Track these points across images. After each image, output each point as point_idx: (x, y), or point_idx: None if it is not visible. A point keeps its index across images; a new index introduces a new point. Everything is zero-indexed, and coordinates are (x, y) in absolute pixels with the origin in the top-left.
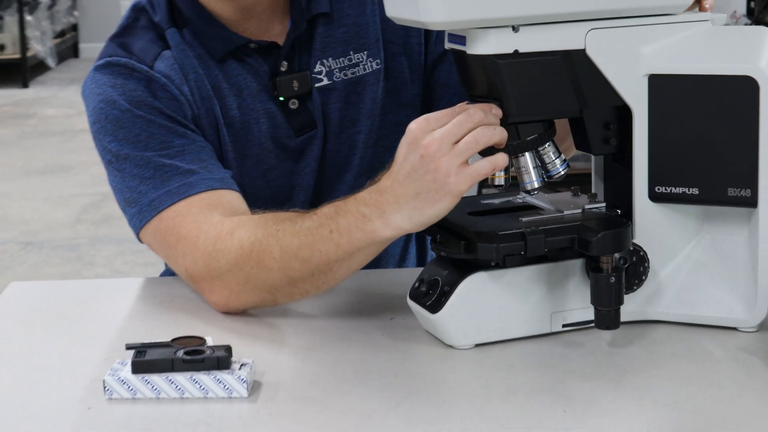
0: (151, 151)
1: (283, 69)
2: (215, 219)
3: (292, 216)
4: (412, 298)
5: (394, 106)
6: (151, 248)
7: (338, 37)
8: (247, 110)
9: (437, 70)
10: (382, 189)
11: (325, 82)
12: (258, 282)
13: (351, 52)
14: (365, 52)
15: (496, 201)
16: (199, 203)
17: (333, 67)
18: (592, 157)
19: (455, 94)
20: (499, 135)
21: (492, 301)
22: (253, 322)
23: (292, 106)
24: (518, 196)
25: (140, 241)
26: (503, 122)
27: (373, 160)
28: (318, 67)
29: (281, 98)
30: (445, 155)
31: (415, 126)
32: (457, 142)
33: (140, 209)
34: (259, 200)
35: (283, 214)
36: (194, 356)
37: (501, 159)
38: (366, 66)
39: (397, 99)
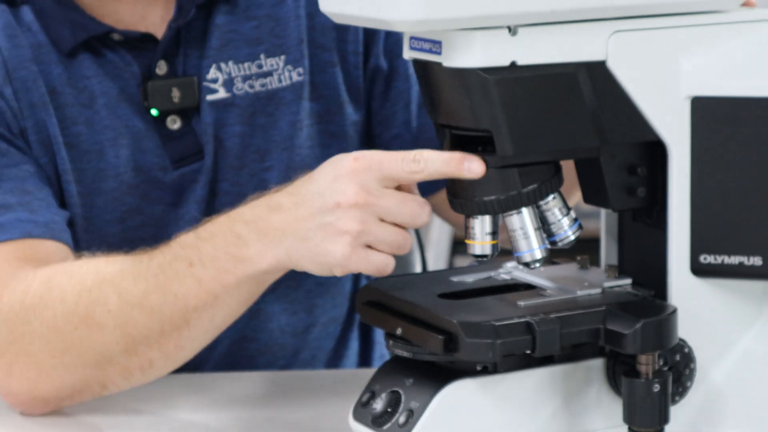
0: None
1: (159, 72)
2: (25, 272)
3: (136, 255)
4: (359, 419)
5: (324, 137)
6: None
7: (244, 33)
8: (101, 127)
9: (374, 98)
10: (275, 206)
11: (222, 94)
12: (82, 348)
13: (262, 56)
14: (282, 57)
15: (469, 278)
16: (6, 253)
17: (234, 75)
18: (602, 213)
19: (397, 137)
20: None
21: (483, 423)
22: None
23: (171, 126)
24: (501, 271)
25: None
26: (494, 164)
27: None
28: (213, 73)
29: (154, 112)
30: (356, 223)
31: (361, 162)
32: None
33: None
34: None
35: (123, 256)
36: None
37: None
38: (282, 76)
39: (327, 127)
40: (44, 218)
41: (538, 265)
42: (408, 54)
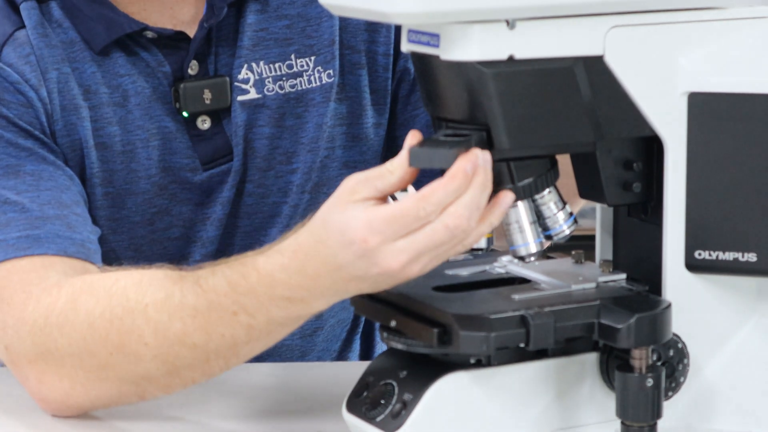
0: None
1: (191, 72)
2: (51, 280)
3: (159, 282)
4: (352, 410)
5: (347, 139)
6: None
7: (276, 33)
8: (133, 127)
9: (399, 100)
10: (313, 274)
11: (252, 94)
12: (120, 371)
13: (293, 56)
14: (312, 58)
15: (464, 271)
16: (37, 265)
17: (265, 75)
18: (597, 207)
19: None
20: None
21: (476, 415)
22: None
23: (201, 126)
24: (496, 264)
25: None
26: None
27: (308, 211)
28: (245, 74)
29: (185, 114)
30: (416, 270)
31: (357, 222)
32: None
33: None
34: (142, 258)
35: (140, 276)
36: None
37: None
38: (312, 77)
39: (349, 129)
40: (81, 237)
41: (533, 258)
42: (406, 47)
